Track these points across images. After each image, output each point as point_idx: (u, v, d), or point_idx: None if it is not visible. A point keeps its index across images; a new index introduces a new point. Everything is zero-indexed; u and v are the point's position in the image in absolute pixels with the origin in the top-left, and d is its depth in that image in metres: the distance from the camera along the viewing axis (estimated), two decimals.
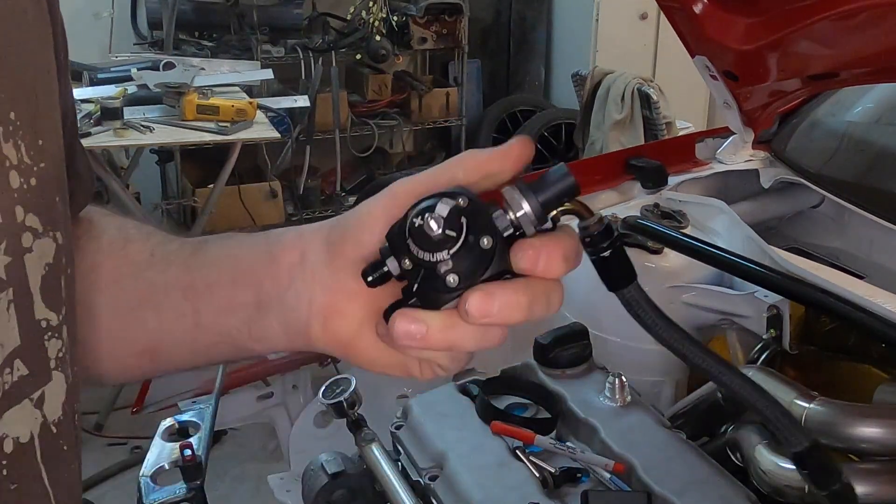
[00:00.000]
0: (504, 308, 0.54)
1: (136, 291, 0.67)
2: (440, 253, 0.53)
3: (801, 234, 1.82)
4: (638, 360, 1.51)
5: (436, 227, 0.53)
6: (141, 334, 0.68)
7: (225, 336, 0.66)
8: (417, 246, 0.54)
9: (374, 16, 4.83)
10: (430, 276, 0.54)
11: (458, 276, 0.54)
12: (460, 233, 0.53)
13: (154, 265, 0.68)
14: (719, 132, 1.93)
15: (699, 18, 1.49)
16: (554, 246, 0.55)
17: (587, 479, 1.09)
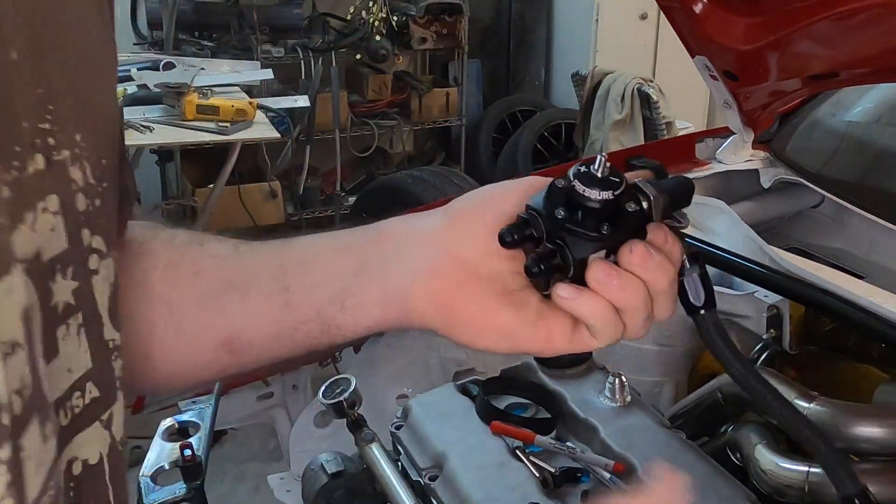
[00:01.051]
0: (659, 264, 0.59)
1: (220, 279, 0.66)
2: (605, 192, 0.58)
3: (801, 234, 1.82)
4: (638, 360, 1.51)
5: (601, 169, 0.58)
6: (222, 322, 0.66)
7: (313, 313, 0.64)
8: (584, 184, 0.58)
9: (374, 16, 4.83)
10: (587, 218, 0.58)
11: (610, 225, 0.58)
12: (621, 180, 0.59)
13: (240, 255, 0.67)
14: (719, 132, 1.93)
15: (699, 18, 1.49)
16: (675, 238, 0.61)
17: (587, 479, 1.09)
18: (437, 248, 0.62)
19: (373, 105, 5.15)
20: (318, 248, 0.66)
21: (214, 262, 0.67)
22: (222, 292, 0.66)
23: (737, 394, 1.24)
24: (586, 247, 0.58)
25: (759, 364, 1.35)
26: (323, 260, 0.65)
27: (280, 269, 0.65)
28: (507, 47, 5.82)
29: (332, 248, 0.66)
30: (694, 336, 1.54)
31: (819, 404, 1.12)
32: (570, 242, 0.59)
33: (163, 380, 0.69)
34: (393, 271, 0.62)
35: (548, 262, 0.59)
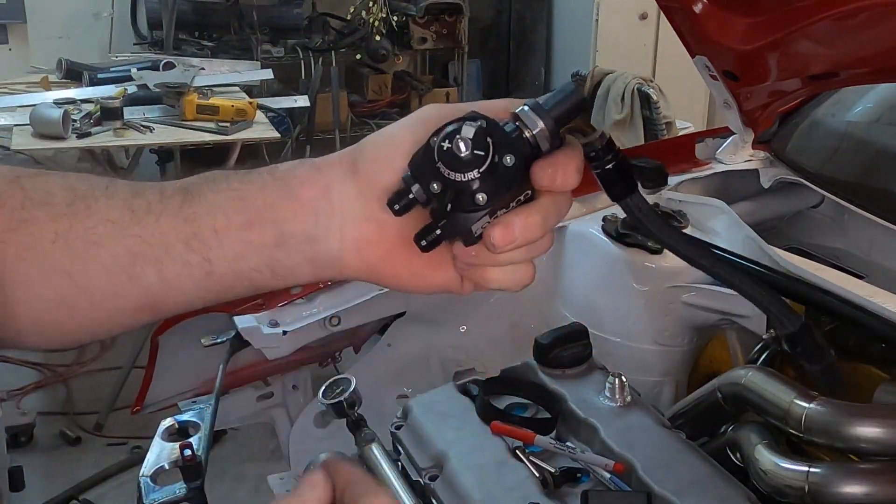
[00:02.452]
0: (524, 231, 0.59)
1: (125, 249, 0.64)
2: (470, 172, 0.57)
3: (801, 234, 1.82)
4: (638, 360, 1.51)
5: (464, 149, 0.57)
6: (137, 291, 0.65)
7: (242, 279, 0.65)
8: (448, 168, 0.57)
9: (374, 16, 4.83)
10: (460, 196, 0.58)
11: (487, 195, 0.58)
12: (487, 152, 0.57)
13: (139, 220, 0.64)
14: (719, 132, 1.93)
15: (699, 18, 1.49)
16: (568, 161, 0.60)
17: (587, 479, 1.09)
18: (356, 217, 0.63)
19: (373, 105, 5.15)
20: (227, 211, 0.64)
21: (111, 229, 0.64)
22: (130, 264, 0.64)
23: (737, 393, 1.24)
24: (467, 219, 0.59)
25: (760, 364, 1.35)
26: (238, 226, 0.63)
27: (195, 240, 0.63)
28: (507, 47, 5.82)
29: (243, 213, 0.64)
30: (694, 336, 1.54)
31: (819, 404, 1.12)
32: (451, 218, 0.59)
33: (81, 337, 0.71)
34: (318, 239, 0.63)
35: (436, 240, 0.60)
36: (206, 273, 0.64)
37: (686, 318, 1.50)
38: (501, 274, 0.63)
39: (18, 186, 0.65)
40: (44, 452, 3.27)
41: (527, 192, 0.60)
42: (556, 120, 0.59)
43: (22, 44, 4.59)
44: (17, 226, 0.64)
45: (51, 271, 0.64)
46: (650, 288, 1.49)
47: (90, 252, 0.64)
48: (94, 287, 0.65)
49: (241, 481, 3.08)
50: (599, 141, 0.64)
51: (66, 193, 0.65)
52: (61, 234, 0.64)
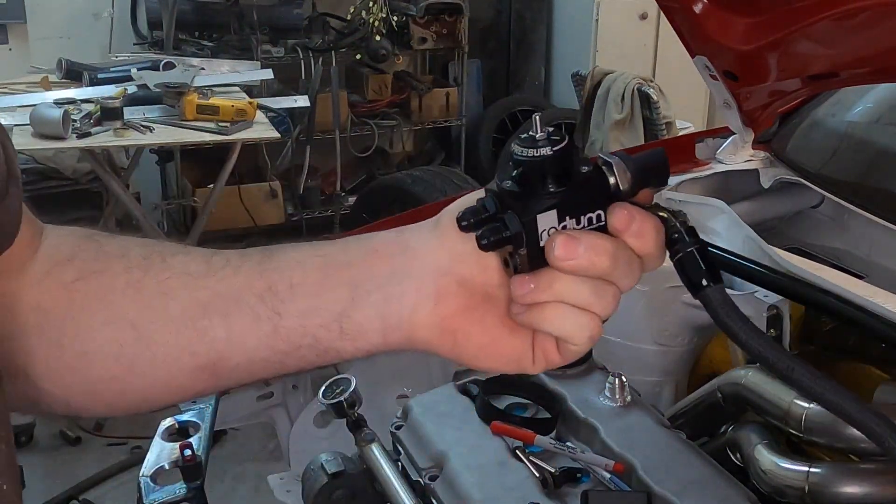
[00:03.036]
0: (589, 250, 0.55)
1: (196, 301, 0.62)
2: (544, 149, 0.56)
3: (801, 234, 1.82)
4: (638, 360, 1.51)
5: (540, 129, 0.56)
6: (201, 347, 0.62)
7: (309, 338, 0.62)
8: (522, 145, 0.56)
9: (374, 16, 4.83)
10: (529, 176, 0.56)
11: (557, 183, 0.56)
12: (563, 138, 0.57)
13: (214, 273, 0.62)
14: (719, 132, 1.93)
15: (699, 18, 1.49)
16: (647, 217, 0.58)
17: (587, 479, 1.09)
18: (434, 270, 0.60)
19: (373, 105, 5.15)
20: (306, 267, 0.62)
21: (185, 282, 0.62)
22: (200, 316, 0.62)
23: (737, 393, 1.24)
24: (533, 206, 0.56)
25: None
26: (314, 283, 0.61)
27: (267, 292, 0.61)
28: (507, 47, 5.81)
29: (322, 269, 0.62)
30: (694, 336, 1.54)
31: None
32: (516, 207, 0.56)
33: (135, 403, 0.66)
34: (393, 296, 0.60)
35: (498, 232, 0.56)
36: (273, 328, 0.61)
37: (686, 318, 1.50)
38: (563, 315, 0.58)
39: (93, 241, 0.65)
40: (44, 452, 3.27)
41: (599, 215, 0.57)
42: (637, 165, 0.58)
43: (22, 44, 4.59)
44: (88, 276, 0.63)
45: (115, 322, 0.62)
46: (650, 288, 1.49)
47: (160, 303, 0.62)
48: (156, 341, 0.62)
49: (241, 481, 3.08)
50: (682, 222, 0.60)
51: (141, 249, 0.65)
52: (132, 283, 0.63)
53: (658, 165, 0.59)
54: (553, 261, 0.56)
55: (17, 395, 0.62)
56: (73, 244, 0.65)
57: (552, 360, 0.61)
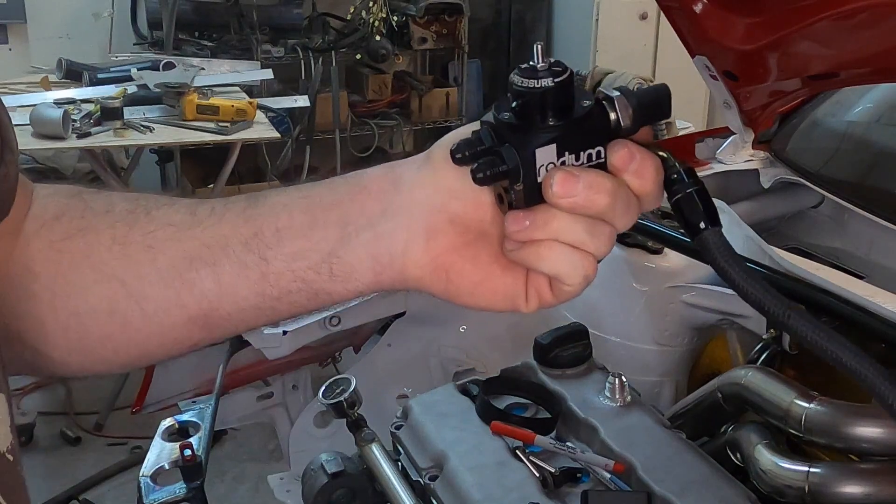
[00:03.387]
0: (589, 188, 0.53)
1: (183, 252, 0.61)
2: (545, 80, 0.53)
3: (801, 234, 1.82)
4: (638, 360, 1.51)
5: (541, 59, 0.54)
6: (191, 298, 0.61)
7: (299, 282, 0.60)
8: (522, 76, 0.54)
9: (374, 16, 4.83)
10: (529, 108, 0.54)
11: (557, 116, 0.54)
12: (565, 70, 0.54)
13: (200, 223, 0.61)
14: (719, 132, 1.93)
15: (699, 18, 1.49)
16: (648, 156, 0.56)
17: (587, 479, 1.09)
18: (426, 206, 0.59)
19: (373, 105, 5.15)
20: (292, 210, 0.61)
21: (170, 233, 0.61)
22: (187, 268, 0.61)
23: (737, 393, 1.24)
24: (531, 140, 0.54)
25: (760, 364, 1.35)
26: (300, 225, 0.60)
27: (253, 238, 0.60)
28: (507, 47, 5.81)
29: (308, 211, 0.61)
30: (694, 336, 1.54)
31: (819, 404, 1.12)
32: (514, 140, 0.54)
33: (131, 359, 0.66)
34: (384, 234, 0.59)
35: (495, 165, 0.54)
36: (261, 275, 0.60)
37: (686, 318, 1.50)
38: (557, 254, 0.56)
39: (80, 199, 0.65)
40: (44, 452, 3.27)
41: (599, 151, 0.55)
42: (640, 100, 0.56)
43: (22, 44, 4.59)
44: (74, 233, 0.63)
45: (104, 279, 0.62)
46: (650, 288, 1.49)
47: (146, 257, 0.61)
48: (147, 296, 0.62)
49: (241, 481, 3.08)
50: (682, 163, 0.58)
51: (126, 203, 0.64)
52: (118, 239, 0.62)
53: (660, 100, 0.57)
54: (550, 198, 0.54)
55: (14, 359, 0.61)
56: (60, 203, 0.65)
57: (545, 299, 0.61)
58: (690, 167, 0.58)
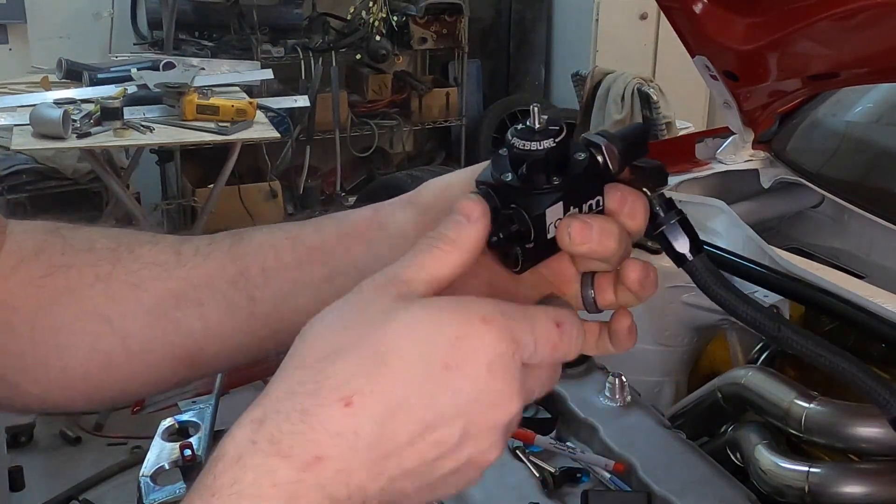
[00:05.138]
0: (601, 234, 0.54)
1: (168, 291, 0.61)
2: (546, 141, 0.54)
3: (801, 234, 1.82)
4: (638, 360, 1.51)
5: (538, 120, 0.55)
6: (177, 337, 0.61)
7: (286, 321, 0.60)
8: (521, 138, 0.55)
9: (374, 16, 4.83)
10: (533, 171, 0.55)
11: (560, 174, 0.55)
12: (561, 129, 0.55)
13: (185, 262, 0.61)
14: (719, 132, 1.93)
15: (699, 18, 1.49)
16: (637, 196, 0.57)
17: (587, 479, 1.09)
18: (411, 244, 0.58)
19: (373, 105, 5.15)
20: (279, 251, 0.61)
21: (155, 272, 0.61)
22: (173, 306, 0.60)
23: (737, 393, 1.24)
24: (540, 201, 0.55)
25: (760, 364, 1.35)
26: (287, 266, 0.60)
27: (240, 277, 0.60)
28: (507, 47, 5.82)
29: (295, 251, 0.61)
30: (694, 336, 1.54)
31: (819, 404, 1.12)
32: (522, 203, 0.55)
33: (113, 395, 0.65)
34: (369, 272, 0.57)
35: (506, 228, 0.54)
36: (249, 314, 0.60)
37: (686, 318, 1.50)
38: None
39: (58, 236, 0.64)
40: (44, 452, 3.27)
41: (598, 200, 0.57)
42: (623, 142, 0.58)
43: (22, 44, 4.59)
44: (54, 271, 0.62)
45: (88, 317, 0.61)
46: None
47: (131, 295, 0.61)
48: (132, 334, 0.61)
49: None
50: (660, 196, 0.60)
51: (108, 241, 0.64)
52: (102, 277, 0.61)
53: (642, 139, 0.60)
54: (568, 246, 0.54)
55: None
56: (38, 239, 0.64)
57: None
58: (669, 199, 0.60)
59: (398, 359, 0.46)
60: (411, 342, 0.46)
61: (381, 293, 0.49)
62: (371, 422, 0.45)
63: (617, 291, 0.59)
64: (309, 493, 0.44)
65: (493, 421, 0.48)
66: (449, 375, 0.46)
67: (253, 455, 0.45)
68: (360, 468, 0.45)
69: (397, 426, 0.46)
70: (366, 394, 0.45)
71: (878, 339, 1.21)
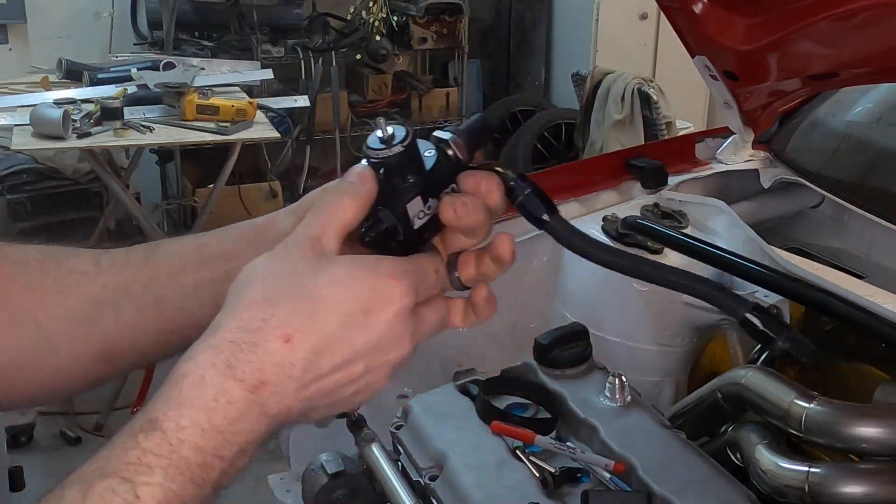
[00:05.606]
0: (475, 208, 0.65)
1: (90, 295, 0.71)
2: (395, 147, 0.64)
3: (801, 234, 1.82)
4: (638, 360, 1.51)
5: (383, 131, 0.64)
6: (96, 336, 0.71)
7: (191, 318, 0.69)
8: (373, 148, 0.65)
9: (374, 16, 4.83)
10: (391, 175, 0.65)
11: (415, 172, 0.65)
12: (409, 134, 0.65)
13: (104, 271, 0.72)
14: (719, 132, 1.93)
15: (699, 18, 1.49)
16: (489, 176, 0.67)
17: (587, 479, 1.09)
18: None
19: (373, 105, 5.15)
20: (185, 257, 0.72)
21: (78, 280, 0.72)
22: (93, 310, 0.71)
23: (737, 393, 1.24)
24: (400, 199, 0.64)
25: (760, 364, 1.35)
26: (192, 273, 0.71)
27: (152, 282, 0.71)
28: (507, 47, 5.82)
29: (199, 257, 0.72)
30: (694, 336, 1.54)
31: (819, 404, 1.12)
32: (386, 203, 0.65)
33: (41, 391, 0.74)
34: None
35: (377, 228, 0.64)
36: (157, 314, 0.70)
37: (686, 318, 1.50)
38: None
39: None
40: (44, 452, 3.27)
41: (453, 187, 0.67)
42: (467, 134, 0.67)
43: (22, 44, 4.59)
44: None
45: (20, 319, 0.70)
46: (650, 288, 1.49)
47: (57, 300, 0.71)
48: (55, 333, 0.70)
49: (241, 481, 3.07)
50: (514, 172, 0.70)
51: (38, 254, 0.74)
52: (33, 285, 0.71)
53: (483, 128, 0.70)
54: (453, 220, 0.65)
55: None
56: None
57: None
58: (522, 173, 0.70)
59: (327, 307, 0.60)
60: (337, 293, 0.60)
61: (303, 249, 0.62)
62: (304, 355, 0.59)
63: (479, 266, 0.68)
64: (252, 409, 0.59)
65: (391, 358, 0.63)
66: (366, 321, 0.61)
67: (214, 377, 0.58)
68: (290, 391, 0.60)
69: (323, 360, 0.60)
70: (302, 333, 0.59)
71: (878, 339, 1.21)
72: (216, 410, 0.59)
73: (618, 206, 1.68)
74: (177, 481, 0.59)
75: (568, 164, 2.05)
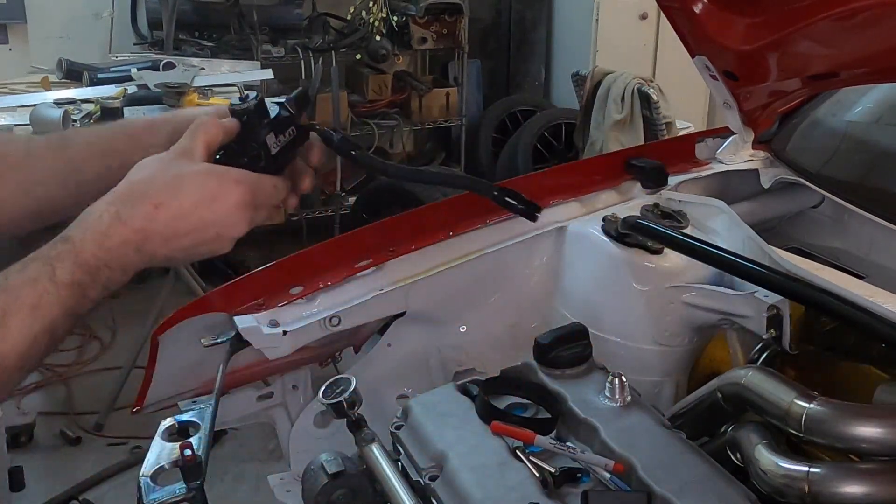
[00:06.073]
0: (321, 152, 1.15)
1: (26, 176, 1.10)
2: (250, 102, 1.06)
3: (801, 234, 1.82)
4: (638, 360, 1.51)
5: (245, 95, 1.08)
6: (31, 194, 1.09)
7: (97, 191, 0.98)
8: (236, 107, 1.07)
9: (374, 16, 4.83)
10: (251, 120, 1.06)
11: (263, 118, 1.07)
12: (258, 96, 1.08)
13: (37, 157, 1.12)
14: (719, 132, 1.93)
15: (699, 18, 1.49)
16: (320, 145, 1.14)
17: (587, 479, 1.09)
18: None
19: (373, 105, 5.15)
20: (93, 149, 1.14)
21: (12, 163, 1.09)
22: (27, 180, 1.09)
23: (737, 393, 1.24)
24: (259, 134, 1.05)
25: (760, 364, 1.35)
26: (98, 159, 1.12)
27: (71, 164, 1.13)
28: (507, 47, 5.82)
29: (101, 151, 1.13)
30: (694, 336, 1.54)
31: (819, 404, 1.12)
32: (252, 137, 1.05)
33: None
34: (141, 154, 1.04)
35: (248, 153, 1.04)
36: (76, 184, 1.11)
37: (686, 318, 1.50)
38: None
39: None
40: (44, 452, 3.28)
41: (291, 130, 1.08)
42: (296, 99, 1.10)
43: (22, 44, 4.59)
44: None
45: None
46: (650, 288, 1.49)
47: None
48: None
49: (241, 481, 3.08)
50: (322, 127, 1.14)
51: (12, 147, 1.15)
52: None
53: (302, 95, 1.10)
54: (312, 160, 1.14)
55: None
56: None
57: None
58: (333, 127, 1.06)
59: (186, 191, 0.96)
60: (195, 183, 0.97)
61: (178, 154, 1.00)
62: (167, 217, 0.95)
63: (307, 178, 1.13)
64: (130, 243, 0.94)
65: (232, 233, 0.99)
66: (212, 204, 0.97)
67: (109, 216, 0.94)
68: (157, 241, 0.95)
69: (181, 223, 0.96)
70: (167, 202, 0.95)
71: (878, 339, 1.21)
72: (108, 236, 0.92)
73: (618, 206, 1.68)
74: (80, 270, 0.90)
75: (568, 164, 2.04)
